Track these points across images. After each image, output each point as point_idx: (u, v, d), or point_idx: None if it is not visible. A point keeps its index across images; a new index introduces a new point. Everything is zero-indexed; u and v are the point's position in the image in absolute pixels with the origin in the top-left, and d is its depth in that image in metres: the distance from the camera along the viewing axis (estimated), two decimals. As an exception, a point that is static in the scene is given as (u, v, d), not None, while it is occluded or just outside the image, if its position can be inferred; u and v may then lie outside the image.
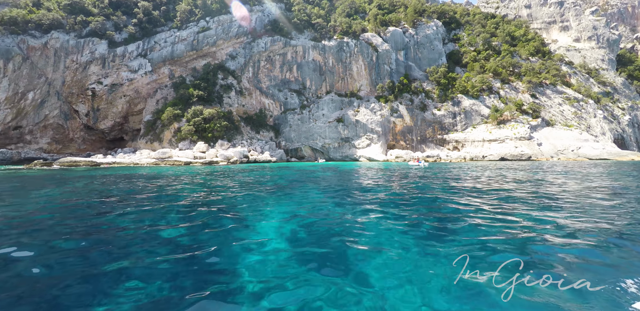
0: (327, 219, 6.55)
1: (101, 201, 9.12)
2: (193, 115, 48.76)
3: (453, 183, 14.20)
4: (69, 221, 6.35)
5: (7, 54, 52.32)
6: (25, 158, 48.47)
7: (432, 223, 6.04)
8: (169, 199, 9.58)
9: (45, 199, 9.84)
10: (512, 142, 65.72)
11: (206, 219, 6.44)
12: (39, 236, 5.28)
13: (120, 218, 6.65)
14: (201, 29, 59.64)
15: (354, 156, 58.62)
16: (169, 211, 7.50)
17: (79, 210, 7.70)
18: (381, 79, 68.32)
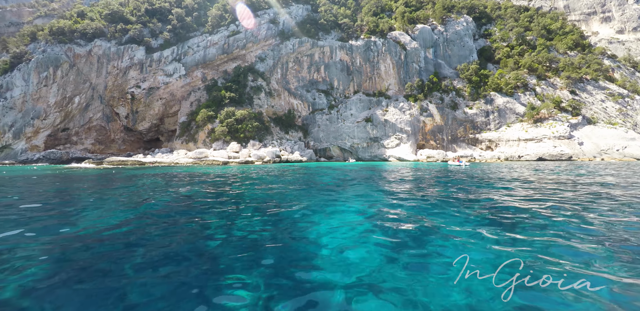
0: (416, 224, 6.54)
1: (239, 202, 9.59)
2: (226, 116, 50.24)
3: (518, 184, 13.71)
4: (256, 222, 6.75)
5: (56, 61, 56.41)
6: (72, 158, 51.98)
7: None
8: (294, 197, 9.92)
9: (170, 203, 10.48)
10: (551, 141, 62.54)
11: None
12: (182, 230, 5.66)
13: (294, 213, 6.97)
14: (231, 32, 61.42)
15: (383, 156, 58.01)
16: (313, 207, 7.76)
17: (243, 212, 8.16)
18: (410, 77, 67.23)
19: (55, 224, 6.09)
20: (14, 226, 5.95)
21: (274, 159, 44.97)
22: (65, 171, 23.93)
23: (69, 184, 14.43)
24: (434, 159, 55.93)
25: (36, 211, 7.43)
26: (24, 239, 5.04)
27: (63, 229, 5.71)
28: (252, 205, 8.22)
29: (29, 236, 5.20)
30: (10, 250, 4.44)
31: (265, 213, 7.22)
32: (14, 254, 4.19)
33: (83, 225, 5.97)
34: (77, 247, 4.58)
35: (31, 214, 7.10)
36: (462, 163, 37.43)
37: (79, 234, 5.28)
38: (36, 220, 6.46)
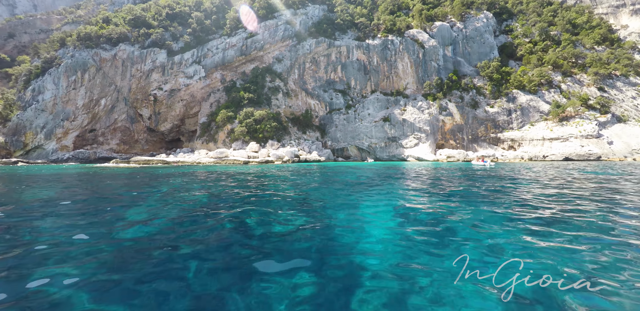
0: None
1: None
2: (245, 117, 50.96)
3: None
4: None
5: (83, 65, 58.88)
6: (99, 157, 54.14)
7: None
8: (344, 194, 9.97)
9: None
10: (578, 140, 60.02)
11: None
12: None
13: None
14: (249, 34, 62.32)
15: (402, 156, 57.30)
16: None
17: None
18: (428, 76, 66.15)
19: (141, 215, 6.32)
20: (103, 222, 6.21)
21: (293, 158, 45.23)
22: (102, 171, 24.89)
23: (121, 181, 14.97)
24: (455, 159, 54.76)
25: (115, 204, 7.74)
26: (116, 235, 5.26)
27: (146, 219, 5.92)
28: (294, 200, 8.27)
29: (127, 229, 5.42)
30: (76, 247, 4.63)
31: (309, 211, 7.25)
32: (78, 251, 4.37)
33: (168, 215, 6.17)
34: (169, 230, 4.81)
35: (121, 209, 7.40)
36: (486, 163, 36.47)
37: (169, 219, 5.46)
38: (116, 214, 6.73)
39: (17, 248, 4.36)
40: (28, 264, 3.74)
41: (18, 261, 3.83)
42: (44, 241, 4.64)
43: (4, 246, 4.45)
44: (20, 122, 57.66)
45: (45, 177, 18.16)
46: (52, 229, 5.43)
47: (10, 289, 3.13)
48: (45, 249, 4.26)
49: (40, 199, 9.05)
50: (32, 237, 4.92)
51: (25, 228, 5.52)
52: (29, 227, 5.57)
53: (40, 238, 4.88)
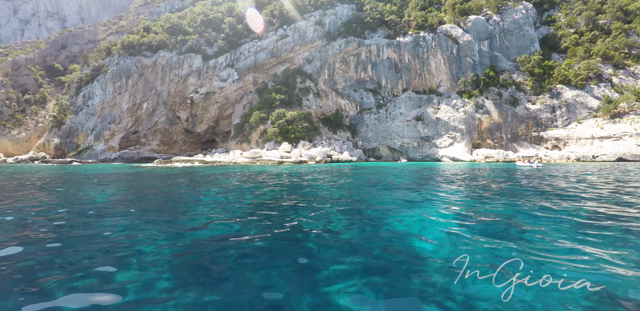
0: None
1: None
2: (277, 117, 51.76)
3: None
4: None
5: (127, 72, 62.80)
6: (142, 157, 57.53)
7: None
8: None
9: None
10: (633, 139, 54.72)
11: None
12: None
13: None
14: (279, 37, 63.27)
15: (435, 156, 55.38)
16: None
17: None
18: (463, 73, 63.44)
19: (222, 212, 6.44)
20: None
21: (325, 159, 45.22)
22: (153, 170, 26.23)
23: (180, 181, 15.65)
24: (494, 159, 52.00)
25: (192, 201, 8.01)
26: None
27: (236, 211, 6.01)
28: (346, 202, 8.07)
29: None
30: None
31: (361, 212, 7.00)
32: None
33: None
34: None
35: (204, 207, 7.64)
36: (533, 164, 34.18)
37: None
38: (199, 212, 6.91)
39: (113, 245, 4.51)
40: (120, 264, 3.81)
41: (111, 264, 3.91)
42: (119, 238, 4.79)
43: (103, 243, 4.62)
44: (73, 125, 62.66)
45: (109, 177, 19.36)
46: (138, 227, 5.63)
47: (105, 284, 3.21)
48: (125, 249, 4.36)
49: (115, 201, 9.54)
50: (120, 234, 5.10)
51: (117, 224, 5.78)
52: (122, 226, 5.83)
53: (112, 234, 5.05)
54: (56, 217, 6.42)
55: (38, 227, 5.53)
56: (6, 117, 78.30)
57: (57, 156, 63.54)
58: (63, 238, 4.79)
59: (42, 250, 4.21)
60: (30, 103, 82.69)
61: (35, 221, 5.96)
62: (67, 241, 4.65)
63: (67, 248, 4.32)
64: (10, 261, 3.78)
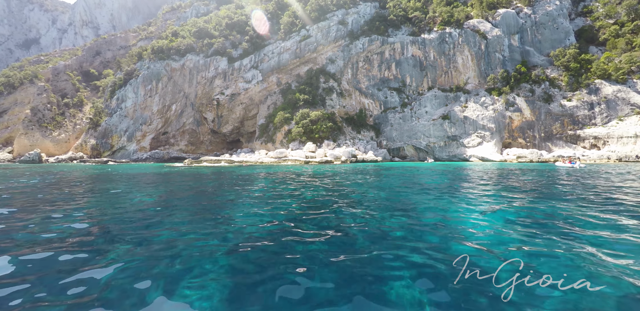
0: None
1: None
2: (301, 118, 51.77)
3: None
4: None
5: (157, 75, 65.04)
6: (171, 157, 59.44)
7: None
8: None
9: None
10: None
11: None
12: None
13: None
14: (302, 37, 63.31)
15: (463, 156, 53.37)
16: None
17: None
18: (492, 69, 60.79)
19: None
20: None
21: (350, 158, 44.67)
22: (186, 170, 26.82)
23: (217, 181, 15.77)
24: (527, 159, 49.38)
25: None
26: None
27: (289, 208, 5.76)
28: (388, 205, 7.59)
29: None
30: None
31: (412, 214, 6.49)
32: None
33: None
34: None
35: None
36: (575, 164, 32.00)
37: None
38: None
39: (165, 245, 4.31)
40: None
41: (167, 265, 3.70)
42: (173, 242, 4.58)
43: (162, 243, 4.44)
44: (108, 127, 65.74)
45: (151, 177, 19.84)
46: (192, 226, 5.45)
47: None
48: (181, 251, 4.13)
49: (160, 203, 9.56)
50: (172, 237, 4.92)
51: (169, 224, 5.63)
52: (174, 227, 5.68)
53: (159, 237, 4.85)
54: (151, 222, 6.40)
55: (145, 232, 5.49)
56: (48, 120, 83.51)
57: (94, 156, 66.93)
58: (173, 242, 4.68)
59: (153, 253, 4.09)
60: (69, 106, 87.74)
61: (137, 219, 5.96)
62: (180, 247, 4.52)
63: (178, 256, 4.17)
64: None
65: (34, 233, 5.12)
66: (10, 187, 12.40)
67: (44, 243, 4.57)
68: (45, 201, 8.68)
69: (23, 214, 6.73)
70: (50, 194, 10.16)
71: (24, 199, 8.74)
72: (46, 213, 6.86)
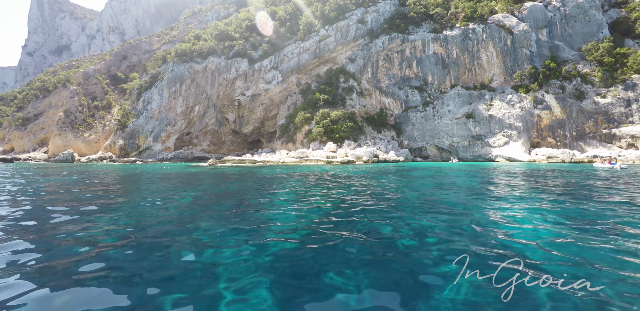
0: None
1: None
2: (321, 118, 51.54)
3: None
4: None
5: (181, 78, 66.65)
6: (195, 157, 60.81)
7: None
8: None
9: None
10: None
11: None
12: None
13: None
14: (322, 37, 63.07)
15: (489, 156, 51.44)
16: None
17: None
18: (518, 65, 58.27)
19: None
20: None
21: (372, 158, 44.01)
22: (212, 170, 27.18)
23: (249, 182, 15.76)
24: (558, 159, 46.94)
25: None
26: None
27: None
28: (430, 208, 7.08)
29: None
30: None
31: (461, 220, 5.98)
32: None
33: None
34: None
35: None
36: (615, 165, 29.99)
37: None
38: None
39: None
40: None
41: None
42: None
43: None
44: (135, 128, 68.07)
45: (182, 177, 20.14)
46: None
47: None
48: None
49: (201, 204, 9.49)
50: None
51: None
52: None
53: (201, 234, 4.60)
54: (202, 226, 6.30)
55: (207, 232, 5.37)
56: (79, 122, 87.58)
57: (121, 156, 69.52)
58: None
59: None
60: (99, 109, 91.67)
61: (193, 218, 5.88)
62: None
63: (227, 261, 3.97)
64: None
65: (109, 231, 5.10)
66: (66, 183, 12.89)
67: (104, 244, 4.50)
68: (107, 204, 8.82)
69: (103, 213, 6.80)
70: (107, 199, 10.36)
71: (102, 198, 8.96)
72: (99, 214, 6.91)
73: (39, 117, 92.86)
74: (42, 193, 10.81)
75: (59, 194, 10.45)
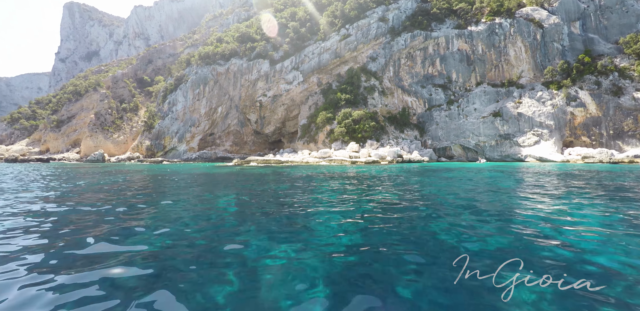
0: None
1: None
2: (343, 117, 50.94)
3: None
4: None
5: (204, 80, 67.87)
6: (218, 157, 61.77)
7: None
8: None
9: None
10: None
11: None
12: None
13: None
14: (342, 37, 62.41)
15: (518, 156, 49.10)
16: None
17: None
18: (549, 61, 55.33)
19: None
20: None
21: (396, 158, 42.98)
22: (242, 170, 27.24)
23: (286, 183, 15.50)
24: (595, 159, 44.08)
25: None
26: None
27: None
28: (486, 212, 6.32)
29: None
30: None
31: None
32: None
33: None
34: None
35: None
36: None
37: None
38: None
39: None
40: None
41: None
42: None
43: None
44: (161, 129, 69.98)
45: (211, 177, 20.17)
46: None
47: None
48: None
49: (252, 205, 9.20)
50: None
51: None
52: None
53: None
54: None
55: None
56: (109, 123, 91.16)
57: (148, 156, 71.69)
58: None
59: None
60: (126, 111, 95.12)
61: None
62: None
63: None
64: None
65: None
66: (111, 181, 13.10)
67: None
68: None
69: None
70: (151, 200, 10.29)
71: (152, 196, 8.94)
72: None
73: (71, 120, 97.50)
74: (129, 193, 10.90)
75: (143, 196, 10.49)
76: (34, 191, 11.49)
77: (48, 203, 8.74)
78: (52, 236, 5.13)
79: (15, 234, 5.17)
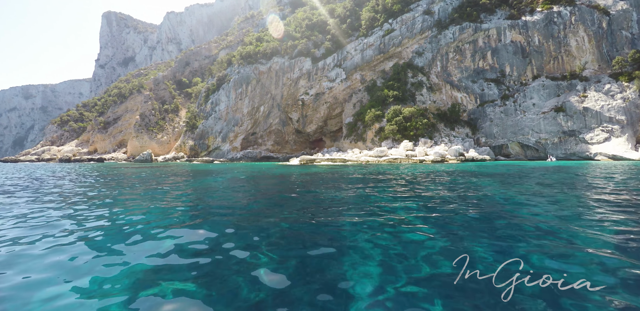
0: None
1: None
2: (393, 115, 48.00)
3: None
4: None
5: (247, 79, 66.72)
6: (262, 156, 60.55)
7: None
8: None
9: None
10: None
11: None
12: None
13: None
14: (386, 32, 59.11)
15: (586, 154, 44.26)
16: None
17: None
18: (617, 50, 49.60)
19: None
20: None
21: (458, 157, 39.68)
22: (305, 170, 25.17)
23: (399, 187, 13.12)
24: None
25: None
26: None
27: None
28: None
29: None
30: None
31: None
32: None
33: None
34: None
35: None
36: None
37: None
38: None
39: None
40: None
41: None
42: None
43: None
44: (204, 129, 69.72)
45: (302, 178, 18.11)
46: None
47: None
48: None
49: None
50: None
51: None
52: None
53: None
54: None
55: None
56: (152, 124, 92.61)
57: (191, 156, 71.81)
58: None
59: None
60: (168, 112, 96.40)
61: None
62: None
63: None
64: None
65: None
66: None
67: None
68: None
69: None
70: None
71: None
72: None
73: (117, 121, 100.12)
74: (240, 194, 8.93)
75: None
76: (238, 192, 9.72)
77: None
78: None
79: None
